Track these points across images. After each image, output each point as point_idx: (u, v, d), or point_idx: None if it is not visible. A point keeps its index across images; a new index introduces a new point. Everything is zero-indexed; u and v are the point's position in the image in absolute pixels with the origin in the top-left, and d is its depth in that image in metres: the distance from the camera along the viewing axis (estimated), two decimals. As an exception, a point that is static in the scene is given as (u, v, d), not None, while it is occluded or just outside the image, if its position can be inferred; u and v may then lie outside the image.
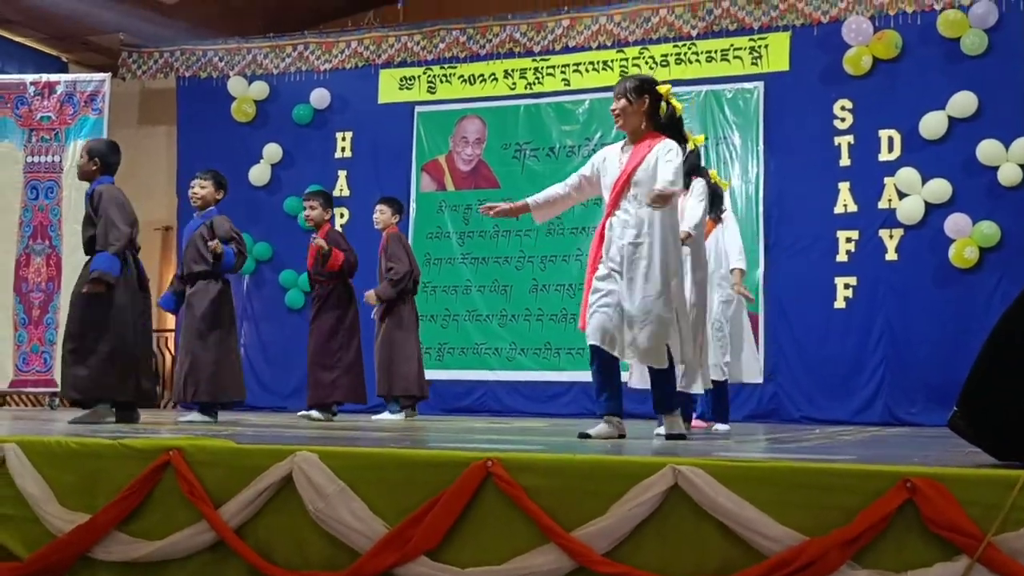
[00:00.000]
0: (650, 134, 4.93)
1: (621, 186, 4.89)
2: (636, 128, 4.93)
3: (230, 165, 10.72)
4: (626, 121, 4.94)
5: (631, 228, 4.83)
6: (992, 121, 8.84)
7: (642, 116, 4.92)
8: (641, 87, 4.93)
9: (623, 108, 4.94)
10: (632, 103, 4.91)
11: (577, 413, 9.73)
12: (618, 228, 4.88)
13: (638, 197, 4.82)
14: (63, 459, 3.56)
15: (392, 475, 3.16)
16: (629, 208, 4.86)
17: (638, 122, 4.93)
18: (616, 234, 4.87)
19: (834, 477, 2.68)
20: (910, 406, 8.84)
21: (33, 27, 11.68)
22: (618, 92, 4.98)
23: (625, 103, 4.93)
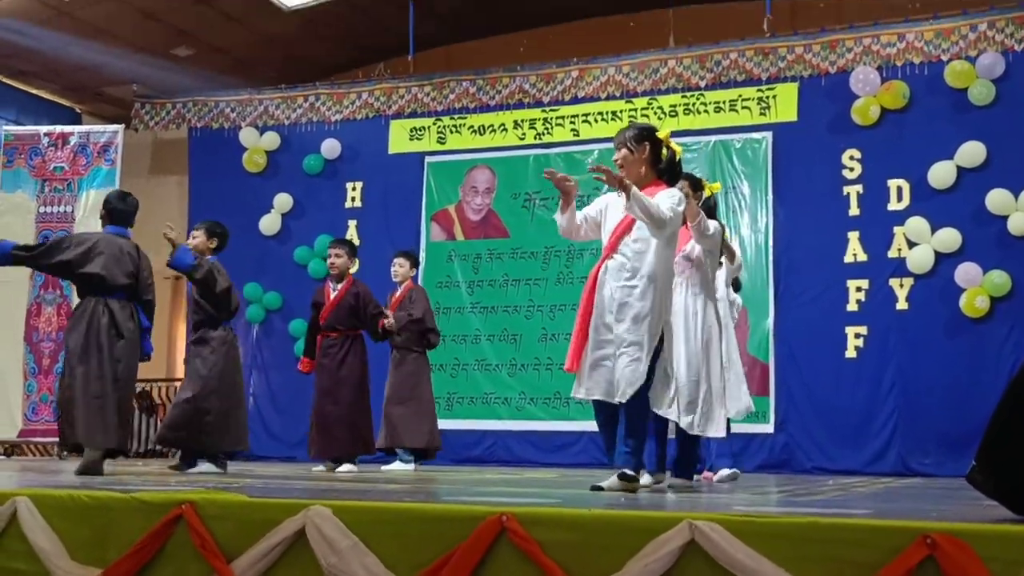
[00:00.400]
0: (653, 181, 4.98)
1: (622, 231, 4.92)
2: (638, 176, 4.97)
3: (241, 215, 10.83)
4: (629, 170, 4.97)
5: (626, 271, 4.84)
6: (1001, 170, 8.87)
7: (643, 164, 4.97)
8: (641, 135, 4.99)
9: (624, 157, 4.99)
10: (633, 152, 4.97)
11: (587, 463, 9.67)
12: (613, 271, 4.89)
13: (637, 243, 4.84)
14: (75, 513, 3.54)
15: (406, 529, 3.13)
16: (627, 253, 4.88)
17: (640, 170, 4.98)
18: (611, 276, 4.89)
19: (852, 532, 2.65)
20: (923, 456, 8.78)
21: (48, 79, 11.82)
22: (618, 142, 5.03)
23: (627, 152, 4.98)
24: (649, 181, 4.97)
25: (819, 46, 9.71)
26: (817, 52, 9.70)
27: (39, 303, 10.20)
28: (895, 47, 9.39)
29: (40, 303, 10.20)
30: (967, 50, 9.13)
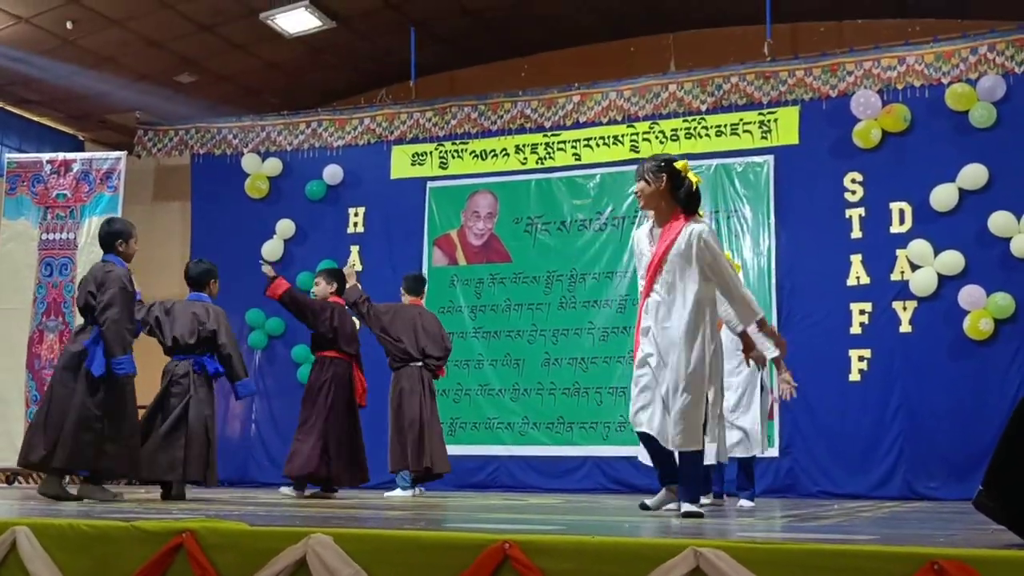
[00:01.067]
0: (675, 213, 4.97)
1: (654, 270, 4.93)
2: (658, 207, 4.99)
3: (243, 241, 10.84)
4: (647, 202, 5.02)
5: (663, 310, 4.87)
6: (1003, 192, 8.87)
7: (663, 195, 4.97)
8: (659, 167, 4.98)
9: (642, 190, 5.01)
10: (651, 184, 4.97)
11: (591, 488, 9.63)
12: (652, 311, 4.92)
13: (671, 280, 4.87)
14: (75, 542, 3.51)
15: (408, 558, 3.10)
16: (661, 291, 4.90)
17: (659, 201, 4.98)
18: (651, 318, 4.91)
19: (860, 559, 2.62)
20: (929, 480, 8.74)
21: (51, 107, 11.87)
22: (638, 174, 5.05)
23: (644, 184, 4.99)
24: (670, 212, 4.97)
25: (820, 70, 9.72)
26: (818, 76, 9.72)
27: (41, 330, 10.19)
28: (896, 70, 9.41)
29: (42, 330, 10.19)
30: (968, 73, 9.15)
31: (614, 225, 10.26)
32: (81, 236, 10.34)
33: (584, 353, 10.10)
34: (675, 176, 4.97)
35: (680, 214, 4.95)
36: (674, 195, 4.97)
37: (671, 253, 4.88)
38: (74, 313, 10.18)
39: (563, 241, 10.41)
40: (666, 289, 4.87)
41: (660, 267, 4.90)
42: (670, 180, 4.96)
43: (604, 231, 10.31)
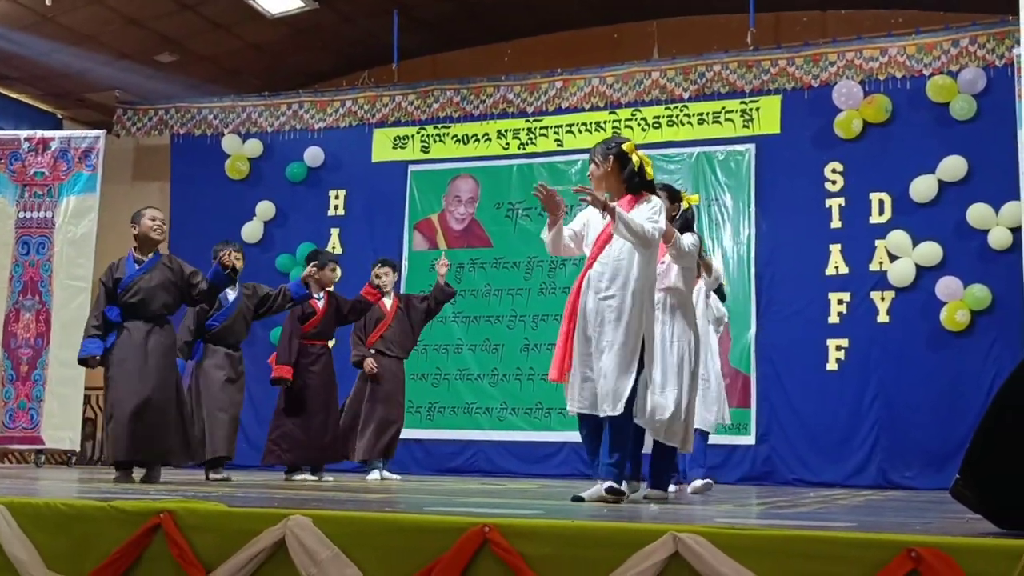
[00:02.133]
0: (626, 195, 5.02)
1: (603, 243, 4.97)
2: (612, 189, 5.06)
3: (223, 222, 10.78)
4: (597, 183, 5.09)
5: (604, 281, 4.89)
6: (982, 185, 8.93)
7: (611, 177, 5.04)
8: (606, 149, 5.07)
9: (592, 172, 5.11)
10: (599, 166, 5.06)
11: (569, 474, 9.65)
12: (594, 282, 4.93)
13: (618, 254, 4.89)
14: (52, 522, 3.49)
15: (387, 540, 3.10)
16: (607, 263, 4.92)
17: (611, 183, 5.06)
18: (591, 287, 4.94)
19: (838, 546, 2.64)
20: (904, 469, 8.81)
21: (30, 84, 11.75)
22: (589, 158, 5.14)
23: (594, 167, 5.09)
24: (622, 194, 5.03)
25: (802, 59, 9.75)
26: (800, 65, 9.74)
27: (17, 309, 10.11)
28: (878, 61, 9.45)
29: (19, 309, 10.11)
30: (949, 65, 9.19)
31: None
32: (59, 215, 10.25)
33: (563, 339, 10.11)
34: (622, 158, 5.03)
35: (632, 196, 5.01)
36: (623, 176, 5.02)
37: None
38: (51, 292, 10.12)
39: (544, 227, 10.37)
40: (612, 261, 4.90)
41: (608, 240, 4.94)
42: (617, 162, 5.02)
43: (585, 217, 10.30)
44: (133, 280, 6.37)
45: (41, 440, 9.91)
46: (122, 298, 6.35)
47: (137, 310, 6.35)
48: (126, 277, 6.39)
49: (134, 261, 6.46)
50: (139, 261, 6.46)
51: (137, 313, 6.34)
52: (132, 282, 6.36)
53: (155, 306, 6.39)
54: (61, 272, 10.10)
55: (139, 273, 6.40)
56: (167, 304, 6.47)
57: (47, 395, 9.90)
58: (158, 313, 6.42)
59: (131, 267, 6.43)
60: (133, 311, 6.34)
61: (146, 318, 6.35)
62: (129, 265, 6.44)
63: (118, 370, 6.26)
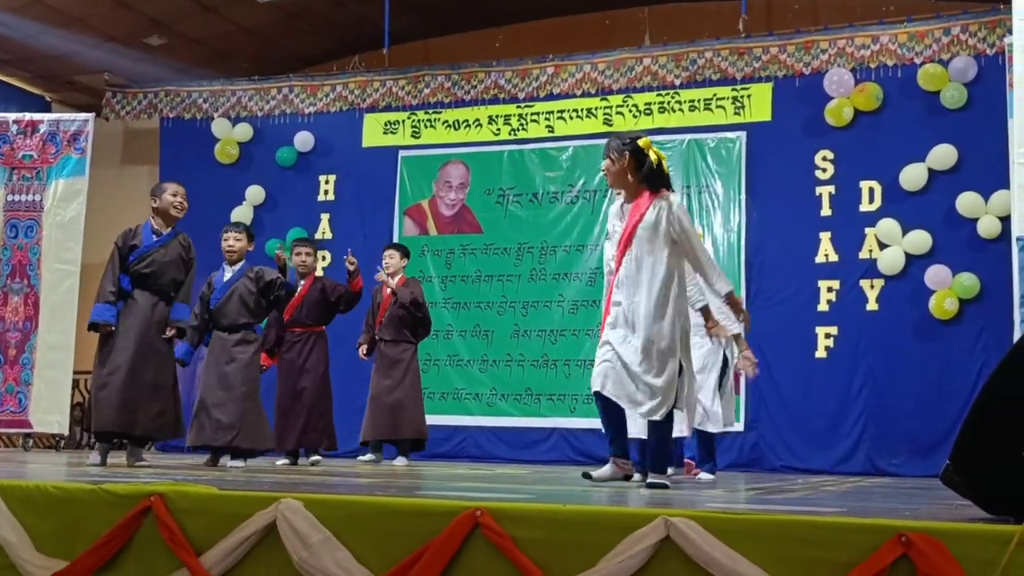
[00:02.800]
0: (643, 189, 5.00)
1: (624, 244, 4.97)
2: (625, 184, 5.06)
3: (213, 206, 10.73)
4: (613, 180, 5.11)
5: (632, 287, 4.90)
6: (972, 174, 8.94)
7: (627, 173, 5.02)
8: (622, 146, 5.05)
9: (607, 168, 5.09)
10: (615, 162, 5.04)
11: (558, 460, 9.67)
12: (623, 287, 4.95)
13: (639, 255, 4.89)
14: (42, 505, 3.49)
15: (378, 524, 3.10)
16: (631, 266, 4.93)
17: (624, 179, 5.04)
18: (622, 293, 4.94)
19: (829, 531, 2.65)
20: (892, 457, 8.85)
21: (19, 66, 11.67)
22: (604, 153, 5.12)
23: (609, 163, 5.07)
24: (637, 190, 5.01)
25: (794, 47, 9.74)
26: (792, 53, 9.74)
27: (5, 292, 10.06)
28: (869, 49, 9.45)
29: (7, 292, 10.06)
30: (940, 53, 9.19)
31: (585, 198, 10.26)
32: (47, 198, 10.19)
33: (553, 325, 10.12)
34: (638, 154, 5.01)
35: (645, 191, 4.99)
36: (638, 173, 5.00)
37: (639, 228, 4.92)
38: (40, 275, 10.07)
39: (534, 213, 10.40)
40: (635, 264, 4.91)
41: (629, 242, 4.94)
42: (633, 158, 5.00)
43: (576, 204, 10.30)
44: (149, 251, 6.36)
45: (29, 424, 9.88)
46: (134, 267, 6.32)
47: (147, 281, 6.32)
48: (143, 246, 6.37)
49: (152, 232, 6.44)
50: (157, 233, 6.45)
51: (146, 284, 6.32)
52: (147, 252, 6.36)
53: (165, 280, 6.38)
54: (50, 255, 10.05)
55: (156, 245, 6.40)
56: (176, 280, 6.46)
57: (35, 379, 9.86)
58: (166, 288, 6.40)
59: (148, 237, 6.41)
60: (143, 281, 6.31)
61: (153, 290, 6.33)
62: (147, 235, 6.42)
63: (121, 339, 6.23)
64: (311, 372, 7.88)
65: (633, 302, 4.87)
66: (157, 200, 6.52)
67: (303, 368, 7.87)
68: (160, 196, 6.52)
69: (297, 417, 7.78)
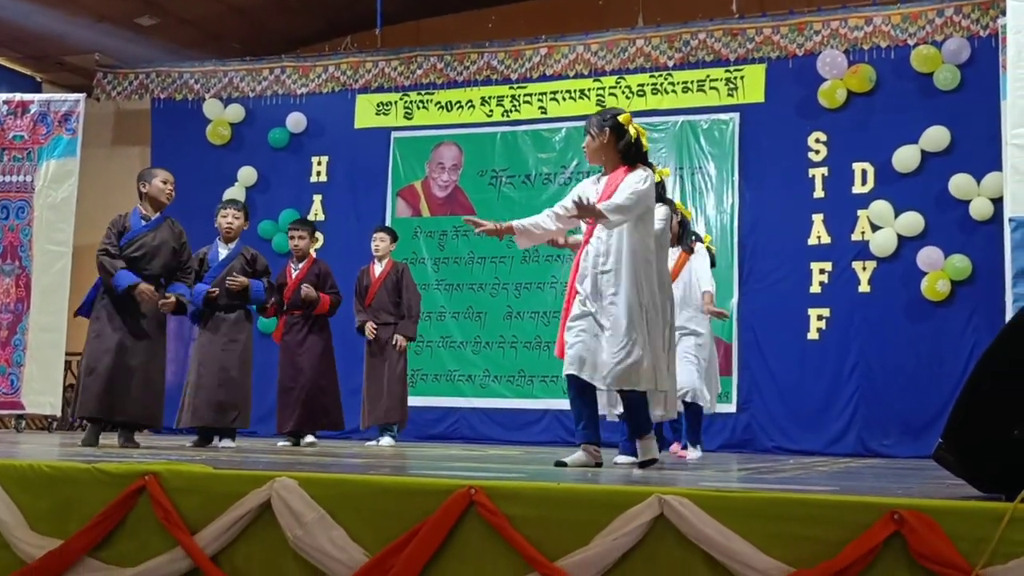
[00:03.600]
0: (622, 165, 5.00)
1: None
2: (606, 160, 5.06)
3: (204, 188, 10.70)
4: (592, 155, 5.11)
5: (601, 256, 4.90)
6: (964, 156, 8.95)
7: (607, 149, 5.02)
8: (601, 121, 5.05)
9: (588, 144, 5.10)
10: (595, 138, 5.04)
11: (551, 441, 9.69)
12: (592, 257, 4.94)
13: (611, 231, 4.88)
14: (36, 484, 3.49)
15: (373, 503, 3.11)
16: (602, 236, 4.92)
17: (605, 155, 5.05)
18: (590, 263, 4.94)
19: (821, 509, 2.66)
20: (883, 437, 8.88)
21: (9, 46, 11.60)
22: (585, 129, 5.12)
23: (590, 139, 5.08)
24: (615, 165, 5.02)
25: (787, 28, 9.73)
26: (785, 34, 9.72)
27: (-3, 274, 10.03)
28: (862, 31, 9.43)
29: (-2, 274, 10.03)
30: (933, 35, 9.19)
31: (579, 179, 10.16)
32: (38, 179, 10.14)
33: (546, 307, 10.12)
34: (618, 129, 5.01)
35: (621, 165, 5.00)
36: (618, 148, 5.01)
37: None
38: (31, 257, 10.04)
39: (528, 195, 10.38)
40: (606, 235, 4.89)
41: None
42: (613, 133, 5.00)
43: (569, 185, 10.26)
44: (137, 236, 6.38)
45: (21, 405, 9.87)
46: (124, 251, 6.33)
47: (137, 265, 6.33)
48: (131, 231, 6.39)
49: (140, 217, 6.46)
50: (146, 218, 6.47)
51: (136, 269, 6.32)
52: (136, 237, 6.37)
53: (155, 265, 6.40)
54: (41, 237, 10.01)
55: (144, 230, 6.41)
56: (166, 265, 6.47)
57: (27, 360, 9.83)
58: (156, 273, 6.41)
59: (137, 222, 6.43)
60: (133, 266, 6.32)
61: (144, 276, 6.33)
62: (135, 220, 6.44)
63: (110, 324, 6.25)
64: (309, 353, 7.93)
65: (602, 273, 4.87)
66: (146, 185, 6.53)
67: (301, 350, 7.95)
68: (150, 182, 6.52)
69: (296, 399, 7.82)
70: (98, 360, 6.18)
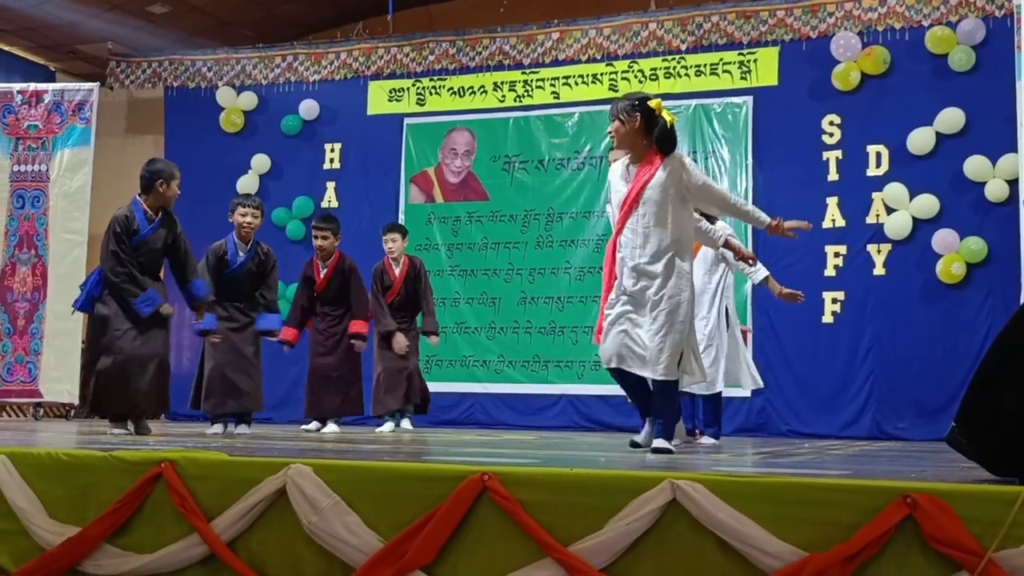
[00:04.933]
0: (651, 151, 4.95)
1: (630, 204, 4.92)
2: (634, 146, 4.98)
3: (218, 176, 10.74)
4: (621, 141, 5.01)
5: (639, 248, 4.87)
6: (979, 137, 8.89)
7: (637, 134, 4.96)
8: (632, 106, 4.97)
9: (617, 129, 5.00)
10: (625, 123, 4.96)
11: (565, 426, 9.71)
12: (628, 248, 4.92)
13: (646, 216, 4.86)
14: (54, 472, 3.52)
15: (388, 488, 3.13)
16: (637, 227, 4.89)
17: (635, 141, 4.97)
18: (627, 254, 4.92)
19: (834, 493, 2.67)
20: (898, 421, 8.86)
21: (22, 36, 11.63)
22: (612, 114, 5.04)
23: (619, 124, 4.99)
24: (646, 152, 4.95)
25: (800, 10, 9.67)
26: (799, 16, 9.67)
27: (14, 263, 10.10)
28: (876, 12, 9.37)
29: (15, 263, 10.09)
30: (948, 16, 9.12)
31: (592, 164, 10.23)
32: (53, 168, 10.21)
33: (560, 292, 10.12)
34: (649, 115, 4.95)
35: (656, 153, 4.94)
36: (648, 134, 4.95)
37: (648, 189, 4.87)
38: (47, 246, 10.10)
39: (541, 180, 10.37)
40: (642, 225, 4.87)
41: (636, 203, 4.89)
42: (644, 119, 4.94)
43: (582, 170, 10.28)
44: (145, 238, 6.37)
45: (39, 393, 9.95)
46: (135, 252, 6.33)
47: (145, 267, 6.35)
48: (141, 233, 6.35)
49: (146, 218, 6.41)
50: (150, 219, 6.42)
51: (145, 270, 6.33)
52: (144, 240, 6.36)
53: (157, 266, 6.47)
54: (56, 226, 10.08)
55: (150, 232, 6.39)
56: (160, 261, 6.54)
57: (44, 348, 9.91)
58: (157, 272, 6.48)
59: (144, 223, 6.39)
60: (142, 270, 6.32)
61: (153, 275, 6.38)
62: (141, 220, 6.38)
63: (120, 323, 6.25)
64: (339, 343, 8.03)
65: (638, 263, 4.86)
66: (165, 187, 6.40)
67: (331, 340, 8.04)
68: (169, 184, 6.41)
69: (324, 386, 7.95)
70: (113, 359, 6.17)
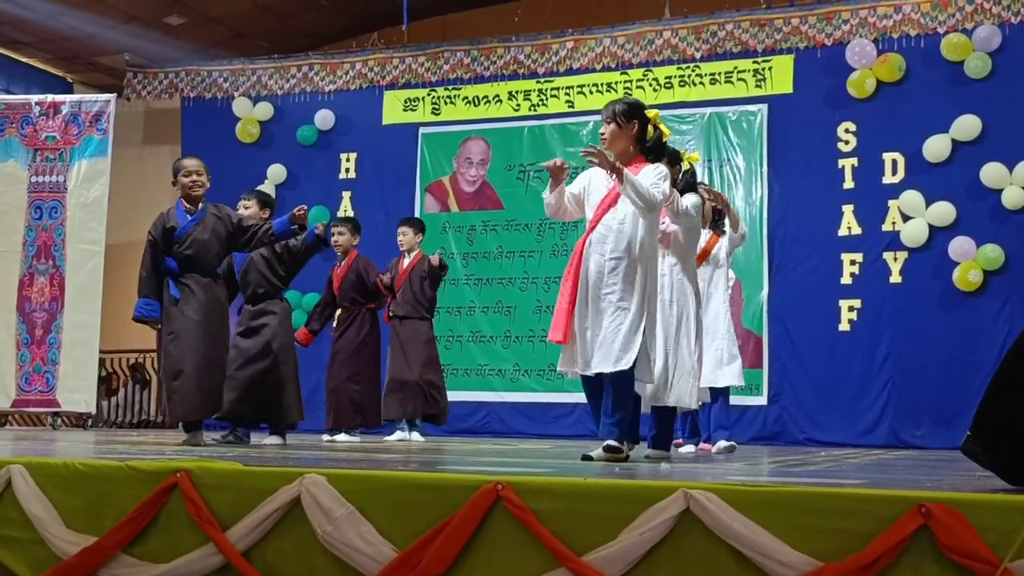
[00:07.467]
0: (638, 158, 4.96)
1: (607, 206, 4.89)
2: (624, 151, 4.95)
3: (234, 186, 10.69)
4: (613, 144, 4.97)
5: (609, 244, 4.83)
6: (996, 144, 8.86)
7: (630, 140, 4.95)
8: (631, 111, 4.96)
9: (612, 132, 4.97)
10: (621, 127, 4.94)
11: (580, 434, 9.69)
12: (597, 244, 4.88)
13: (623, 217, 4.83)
14: (70, 481, 3.53)
15: (401, 498, 3.13)
16: (612, 225, 4.86)
17: (626, 145, 4.96)
18: (594, 248, 4.87)
19: (848, 502, 2.66)
20: (915, 429, 8.83)
21: (40, 48, 11.74)
22: (607, 116, 5.00)
23: (615, 127, 4.96)
24: (633, 158, 4.95)
25: (815, 18, 9.67)
26: (813, 24, 9.66)
27: (32, 273, 10.16)
28: (891, 19, 9.36)
29: (33, 273, 10.16)
30: (964, 22, 9.10)
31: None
32: (71, 179, 10.27)
33: (575, 301, 10.12)
34: (645, 122, 4.96)
35: (643, 160, 4.94)
36: (640, 142, 4.96)
37: None
38: (65, 256, 10.16)
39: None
40: (617, 221, 4.84)
41: (614, 203, 4.87)
42: (641, 126, 4.95)
43: (596, 179, 10.28)
44: (187, 231, 6.10)
45: (57, 403, 10.00)
46: (176, 249, 6.08)
47: (192, 263, 6.09)
48: (180, 228, 6.11)
49: (185, 212, 6.18)
50: (190, 212, 6.18)
51: (193, 266, 6.08)
52: (186, 233, 6.09)
53: (209, 258, 6.16)
54: (74, 236, 10.13)
55: (192, 224, 6.12)
56: (219, 255, 6.26)
57: (62, 358, 9.97)
58: (213, 265, 6.20)
59: (183, 218, 6.15)
60: (188, 264, 6.08)
61: (201, 272, 6.10)
62: (180, 216, 6.17)
63: (183, 325, 6.02)
64: (344, 350, 8.06)
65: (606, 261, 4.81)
66: (177, 180, 6.30)
67: (339, 346, 8.10)
68: (177, 177, 6.26)
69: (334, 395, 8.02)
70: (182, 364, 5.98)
